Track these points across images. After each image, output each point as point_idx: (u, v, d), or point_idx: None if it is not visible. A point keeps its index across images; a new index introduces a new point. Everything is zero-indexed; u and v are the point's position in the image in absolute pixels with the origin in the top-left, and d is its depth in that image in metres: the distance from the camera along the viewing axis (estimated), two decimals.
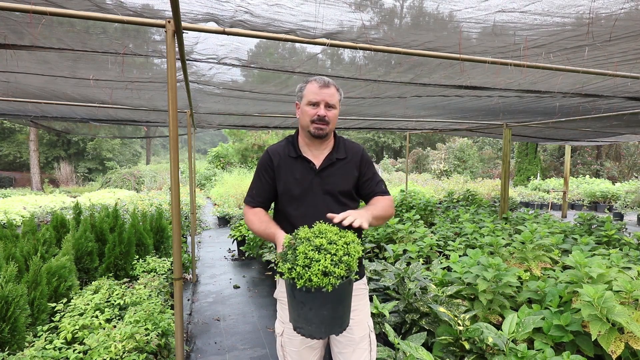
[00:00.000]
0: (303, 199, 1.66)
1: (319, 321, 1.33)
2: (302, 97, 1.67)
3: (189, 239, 6.42)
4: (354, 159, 1.73)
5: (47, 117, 5.33)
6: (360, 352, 1.67)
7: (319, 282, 1.25)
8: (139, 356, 2.11)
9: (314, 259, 1.28)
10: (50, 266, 2.80)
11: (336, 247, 1.31)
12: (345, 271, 1.29)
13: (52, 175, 22.95)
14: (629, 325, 1.94)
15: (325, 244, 1.32)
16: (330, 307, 1.31)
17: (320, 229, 1.39)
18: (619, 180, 18.41)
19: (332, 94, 1.63)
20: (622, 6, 1.87)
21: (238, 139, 22.03)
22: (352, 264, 1.32)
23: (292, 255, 1.33)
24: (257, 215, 1.70)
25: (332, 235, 1.36)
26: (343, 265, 1.29)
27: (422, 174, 23.42)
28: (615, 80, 3.16)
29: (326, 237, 1.34)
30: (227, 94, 3.86)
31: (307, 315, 1.32)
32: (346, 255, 1.31)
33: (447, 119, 6.23)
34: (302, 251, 1.30)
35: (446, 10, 2.01)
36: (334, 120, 1.66)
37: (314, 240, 1.33)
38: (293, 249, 1.35)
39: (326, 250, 1.30)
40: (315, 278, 1.25)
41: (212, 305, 4.32)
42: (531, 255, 3.45)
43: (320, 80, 1.64)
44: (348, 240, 1.36)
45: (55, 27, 2.13)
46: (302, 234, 1.38)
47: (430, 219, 6.77)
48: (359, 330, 1.69)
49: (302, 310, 1.33)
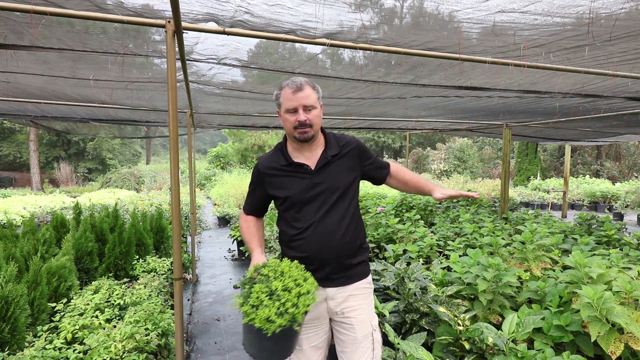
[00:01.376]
0: (303, 203, 1.65)
1: (261, 349, 1.42)
2: (280, 105, 1.64)
3: (189, 239, 6.42)
4: (348, 152, 1.72)
5: (47, 117, 5.33)
6: (362, 351, 1.67)
7: (260, 325, 1.33)
8: (139, 356, 2.11)
9: (263, 303, 1.35)
10: (50, 266, 2.80)
11: (287, 297, 1.37)
12: (288, 322, 1.35)
13: (52, 175, 22.94)
14: (628, 326, 1.94)
15: (280, 289, 1.38)
16: (271, 344, 1.39)
17: (284, 269, 1.45)
18: (619, 180, 18.40)
19: (307, 95, 1.58)
20: (622, 6, 1.87)
21: (238, 139, 22.02)
22: (298, 316, 1.37)
23: (247, 290, 1.41)
24: (247, 224, 1.80)
25: (290, 281, 1.41)
26: (287, 317, 1.35)
27: (422, 174, 23.42)
28: (615, 81, 3.15)
29: (284, 282, 1.40)
30: (227, 94, 3.86)
31: (253, 342, 1.41)
32: (294, 307, 1.36)
33: (447, 119, 6.23)
34: (256, 291, 1.38)
35: (446, 11, 2.01)
36: (317, 120, 1.62)
37: (272, 281, 1.40)
38: (252, 283, 1.43)
39: (277, 297, 1.37)
40: (258, 322, 1.33)
41: (212, 305, 4.32)
42: (531, 255, 3.45)
43: (292, 84, 1.58)
44: (303, 290, 1.41)
45: (55, 27, 2.13)
46: (264, 270, 1.45)
47: (430, 219, 6.76)
48: (361, 329, 1.68)
49: (249, 336, 1.41)
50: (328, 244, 1.62)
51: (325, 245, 1.62)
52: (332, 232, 1.63)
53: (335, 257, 1.64)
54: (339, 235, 1.63)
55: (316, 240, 1.62)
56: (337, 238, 1.63)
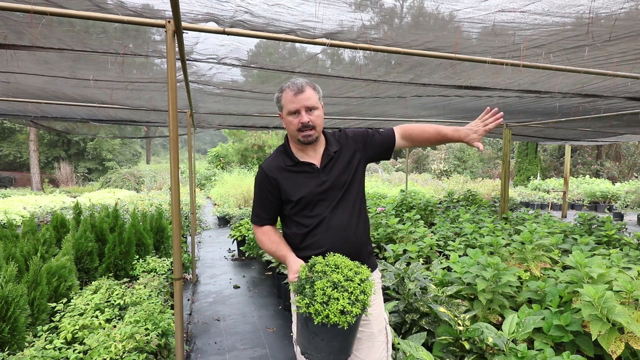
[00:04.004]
0: (317, 200, 1.65)
1: (329, 351, 1.39)
2: (282, 108, 1.64)
3: (189, 239, 6.42)
4: (346, 144, 1.73)
5: (47, 117, 5.33)
6: (378, 345, 1.67)
7: (336, 320, 1.29)
8: (139, 356, 2.11)
9: (333, 296, 1.32)
10: (50, 266, 2.80)
11: (353, 286, 1.35)
12: (361, 309, 1.34)
13: (52, 175, 22.95)
14: (629, 325, 1.94)
15: (343, 280, 1.35)
16: (342, 339, 1.37)
17: (336, 262, 1.43)
18: (619, 180, 18.40)
19: (309, 96, 1.58)
20: (622, 6, 1.87)
21: (238, 139, 22.02)
22: (367, 302, 1.36)
23: (310, 290, 1.37)
24: (267, 235, 1.71)
25: (348, 271, 1.39)
26: (359, 304, 1.34)
27: (422, 174, 23.42)
28: (615, 81, 3.16)
29: (343, 273, 1.38)
30: (227, 94, 3.86)
31: (319, 345, 1.38)
32: (362, 294, 1.35)
33: (447, 119, 6.23)
34: (320, 287, 1.34)
35: (446, 10, 2.01)
36: (320, 121, 1.63)
37: (331, 275, 1.37)
38: (310, 282, 1.39)
39: (344, 288, 1.34)
40: (333, 316, 1.29)
41: (212, 305, 4.32)
42: (531, 255, 3.45)
43: (294, 86, 1.58)
44: (364, 277, 1.40)
45: (55, 27, 2.13)
46: (318, 267, 1.42)
47: (430, 219, 6.76)
48: (376, 323, 1.69)
49: (314, 340, 1.38)
50: (344, 236, 1.63)
51: (341, 237, 1.62)
52: (345, 225, 1.64)
53: (352, 248, 1.64)
54: (352, 227, 1.65)
55: (332, 234, 1.62)
56: (351, 230, 1.64)
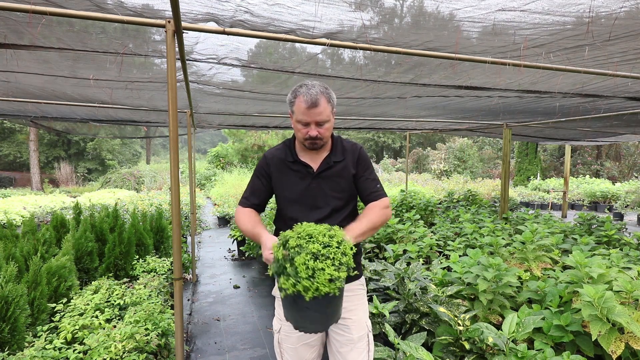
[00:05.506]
0: (302, 202, 1.67)
1: (323, 319, 1.38)
2: (293, 112, 1.62)
3: (189, 239, 6.41)
4: (351, 158, 1.72)
5: (47, 117, 5.33)
6: (358, 352, 1.67)
7: (327, 290, 1.27)
8: (139, 356, 2.11)
9: (317, 268, 1.28)
10: (50, 266, 2.80)
11: (332, 251, 1.31)
12: (346, 272, 1.31)
13: (52, 175, 22.94)
14: (629, 326, 1.94)
15: (321, 248, 1.31)
16: (335, 303, 1.37)
17: (307, 231, 1.36)
18: (619, 180, 18.40)
19: (321, 111, 1.55)
20: (622, 5, 1.87)
21: (238, 139, 22.03)
22: (350, 262, 1.33)
23: (291, 268, 1.30)
24: (247, 215, 1.71)
25: (322, 237, 1.34)
26: (344, 267, 1.31)
27: (422, 174, 23.41)
28: (615, 80, 3.15)
29: (319, 241, 1.33)
30: (227, 94, 3.86)
31: (312, 316, 1.36)
32: (344, 256, 1.32)
33: (447, 119, 6.23)
34: (302, 262, 1.28)
35: (446, 10, 2.01)
36: (328, 133, 1.63)
37: (308, 246, 1.31)
38: (290, 260, 1.32)
39: (325, 256, 1.30)
40: (323, 287, 1.26)
41: (212, 305, 4.32)
42: (531, 255, 3.45)
43: (308, 97, 1.53)
44: (339, 238, 1.36)
45: (55, 26, 2.13)
46: (292, 242, 1.34)
47: (430, 219, 6.76)
48: (357, 329, 1.69)
49: (306, 313, 1.35)
50: None
51: None
52: None
53: None
54: None
55: None
56: None
